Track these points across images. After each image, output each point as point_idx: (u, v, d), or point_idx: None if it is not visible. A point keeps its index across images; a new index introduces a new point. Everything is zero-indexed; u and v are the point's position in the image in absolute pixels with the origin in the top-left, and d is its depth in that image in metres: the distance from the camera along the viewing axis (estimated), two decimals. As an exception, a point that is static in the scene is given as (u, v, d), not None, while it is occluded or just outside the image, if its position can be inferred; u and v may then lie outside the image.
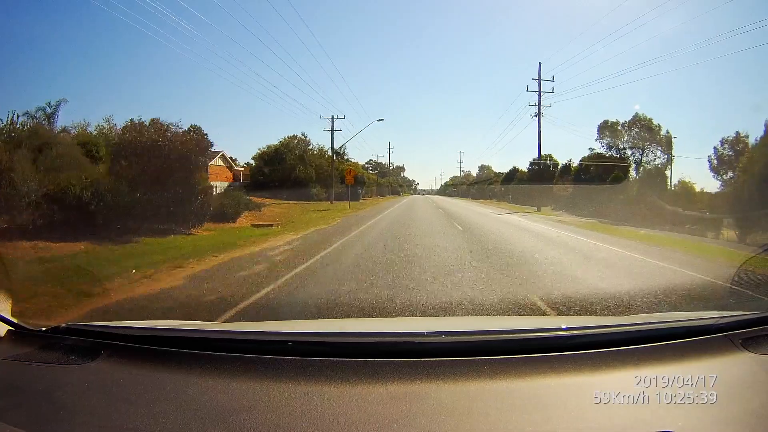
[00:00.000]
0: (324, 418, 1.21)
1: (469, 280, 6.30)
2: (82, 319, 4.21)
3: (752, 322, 1.73)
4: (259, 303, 5.12)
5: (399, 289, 5.63)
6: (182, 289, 5.92)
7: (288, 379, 1.38)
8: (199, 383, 1.38)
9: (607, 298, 5.19)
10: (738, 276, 6.69)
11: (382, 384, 1.34)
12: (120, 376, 1.44)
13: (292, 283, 6.15)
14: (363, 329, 2.26)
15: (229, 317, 4.53)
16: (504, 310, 4.82)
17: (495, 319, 4.11)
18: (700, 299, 5.79)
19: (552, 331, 1.76)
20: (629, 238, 13.62)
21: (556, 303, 5.00)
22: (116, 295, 5.46)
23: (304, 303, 5.20)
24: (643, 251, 10.36)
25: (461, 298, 5.21)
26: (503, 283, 6.26)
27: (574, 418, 1.24)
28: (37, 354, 1.59)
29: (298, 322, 3.64)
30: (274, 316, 4.78)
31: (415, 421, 1.20)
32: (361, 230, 14.07)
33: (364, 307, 4.82)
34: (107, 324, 1.82)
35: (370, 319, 4.28)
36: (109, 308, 4.93)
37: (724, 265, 8.93)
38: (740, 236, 15.75)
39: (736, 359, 1.54)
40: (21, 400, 1.33)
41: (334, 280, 6.33)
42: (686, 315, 2.23)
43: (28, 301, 4.70)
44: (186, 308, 5.10)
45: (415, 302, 4.90)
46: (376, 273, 6.80)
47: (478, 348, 1.54)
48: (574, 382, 1.39)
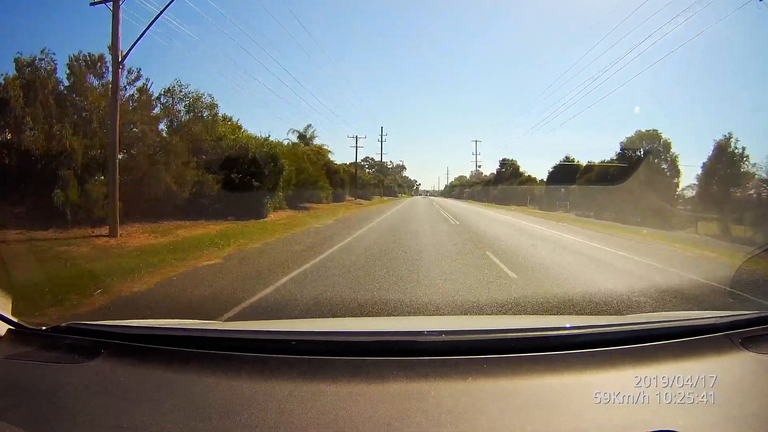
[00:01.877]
0: (325, 416, 1.21)
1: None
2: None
3: (752, 321, 1.73)
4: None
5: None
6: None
7: (289, 378, 1.38)
8: (200, 382, 1.38)
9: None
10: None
11: (382, 383, 1.34)
12: (120, 375, 1.44)
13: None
14: (363, 328, 2.27)
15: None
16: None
17: (495, 319, 4.12)
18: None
19: (552, 330, 1.77)
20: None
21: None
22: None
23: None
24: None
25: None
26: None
27: (574, 418, 1.24)
28: (38, 353, 1.59)
29: (300, 321, 3.65)
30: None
31: (414, 419, 1.20)
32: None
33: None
34: (108, 323, 1.82)
35: (371, 318, 4.29)
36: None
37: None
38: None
39: (737, 359, 1.54)
40: (21, 399, 1.33)
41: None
42: (686, 314, 2.24)
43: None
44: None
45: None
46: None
47: (478, 347, 1.54)
48: (574, 382, 1.39)
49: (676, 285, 6.78)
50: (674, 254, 11.80)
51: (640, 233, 17.47)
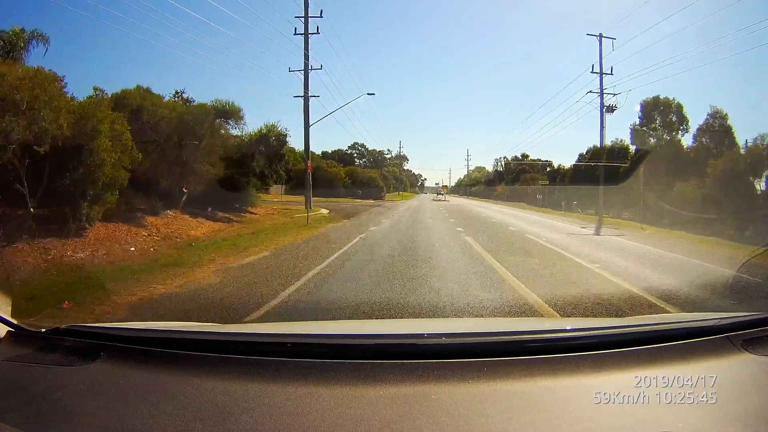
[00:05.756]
0: (324, 419, 1.21)
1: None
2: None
3: (753, 323, 1.73)
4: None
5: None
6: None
7: (288, 381, 1.38)
8: (200, 385, 1.38)
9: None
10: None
11: (382, 385, 1.34)
12: (120, 378, 1.44)
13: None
14: (363, 331, 2.26)
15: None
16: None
17: (495, 321, 4.12)
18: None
19: (552, 332, 1.77)
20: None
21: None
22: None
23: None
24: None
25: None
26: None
27: (574, 419, 1.24)
28: (37, 355, 1.59)
29: (299, 324, 3.64)
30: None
31: (415, 422, 1.20)
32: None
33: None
34: (107, 325, 1.83)
35: (370, 321, 4.28)
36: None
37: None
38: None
39: (737, 360, 1.54)
40: (21, 400, 1.33)
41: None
42: (687, 316, 2.24)
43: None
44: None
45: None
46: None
47: (479, 350, 1.54)
48: (574, 384, 1.39)
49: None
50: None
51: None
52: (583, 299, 5.56)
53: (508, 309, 5.21)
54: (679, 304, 5.54)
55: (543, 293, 5.74)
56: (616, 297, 5.84)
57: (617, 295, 5.95)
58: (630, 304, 5.57)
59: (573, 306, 5.21)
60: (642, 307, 5.45)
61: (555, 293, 5.75)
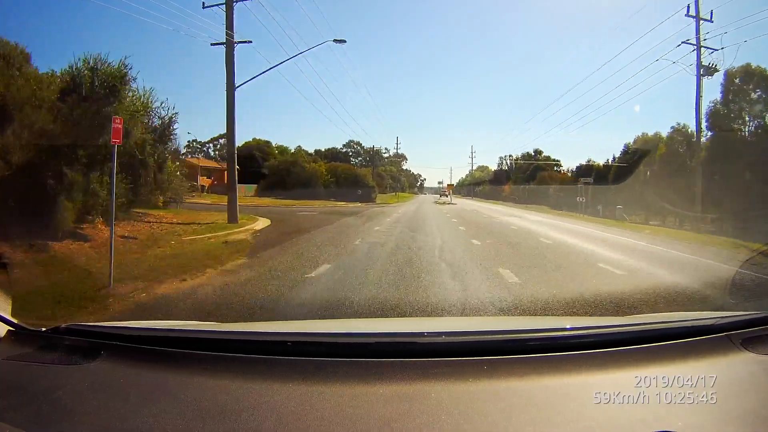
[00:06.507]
0: (324, 417, 1.21)
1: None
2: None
3: (753, 322, 1.73)
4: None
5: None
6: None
7: (289, 379, 1.38)
8: (200, 383, 1.38)
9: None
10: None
11: (382, 384, 1.34)
12: (120, 377, 1.44)
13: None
14: (363, 329, 2.26)
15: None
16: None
17: (495, 320, 4.12)
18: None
19: (552, 331, 1.77)
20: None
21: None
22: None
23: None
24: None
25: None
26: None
27: (574, 419, 1.24)
28: (37, 354, 1.59)
29: (299, 323, 3.65)
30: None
31: (414, 421, 1.20)
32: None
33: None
34: (107, 324, 1.83)
35: (370, 319, 4.28)
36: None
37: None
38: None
39: (737, 359, 1.54)
40: (21, 400, 1.33)
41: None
42: (687, 315, 2.24)
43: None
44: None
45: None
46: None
47: (478, 348, 1.54)
48: (574, 383, 1.39)
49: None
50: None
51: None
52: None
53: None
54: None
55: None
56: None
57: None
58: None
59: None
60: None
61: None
